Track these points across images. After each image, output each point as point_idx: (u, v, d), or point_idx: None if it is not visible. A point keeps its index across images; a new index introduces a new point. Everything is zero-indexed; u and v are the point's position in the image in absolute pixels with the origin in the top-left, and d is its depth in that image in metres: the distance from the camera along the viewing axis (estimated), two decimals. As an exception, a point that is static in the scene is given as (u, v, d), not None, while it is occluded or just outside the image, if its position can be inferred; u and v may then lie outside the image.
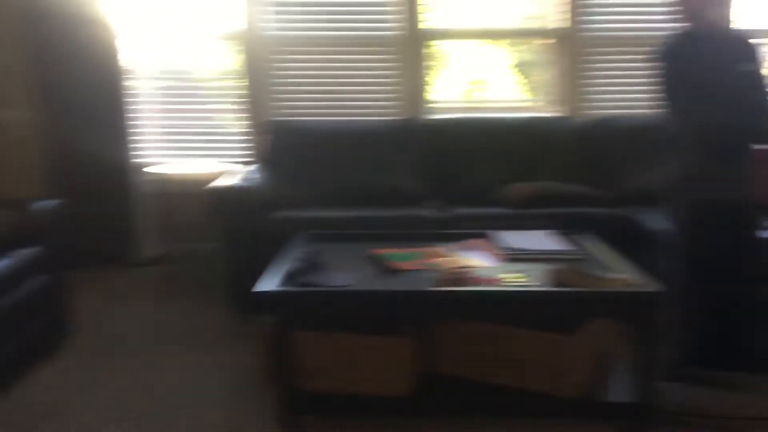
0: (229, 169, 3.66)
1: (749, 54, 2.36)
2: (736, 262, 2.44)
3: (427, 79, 4.04)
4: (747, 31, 2.45)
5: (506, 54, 4.14)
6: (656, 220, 2.94)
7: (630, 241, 3.07)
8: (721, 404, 2.19)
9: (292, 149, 3.65)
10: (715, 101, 2.28)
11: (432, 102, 4.08)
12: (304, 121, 3.83)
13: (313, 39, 3.96)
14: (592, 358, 2.32)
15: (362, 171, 3.57)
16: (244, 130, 4.05)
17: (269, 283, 2.10)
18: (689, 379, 2.38)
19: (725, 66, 2.32)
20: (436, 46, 4.09)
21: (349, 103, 4.01)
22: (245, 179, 3.35)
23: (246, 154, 4.01)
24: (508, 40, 4.08)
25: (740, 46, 2.38)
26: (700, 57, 2.33)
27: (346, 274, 2.20)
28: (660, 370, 2.43)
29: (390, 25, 3.95)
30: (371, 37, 3.97)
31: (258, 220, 3.12)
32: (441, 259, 2.45)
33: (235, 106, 4.06)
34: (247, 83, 3.99)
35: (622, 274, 2.19)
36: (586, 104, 4.01)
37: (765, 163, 3.24)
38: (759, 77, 2.36)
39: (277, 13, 3.94)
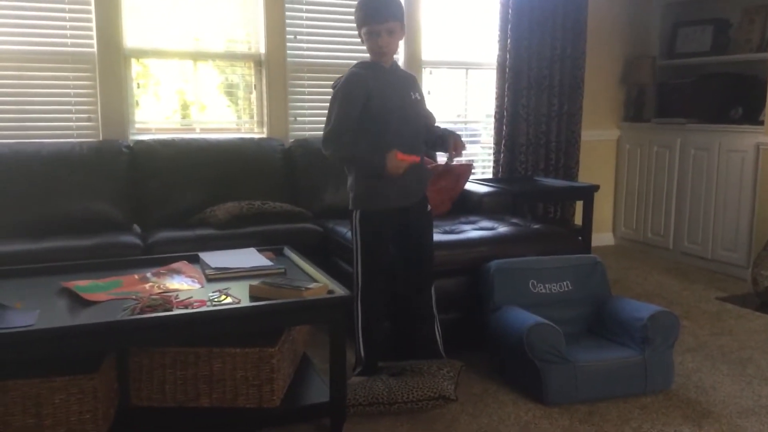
0: None
1: (415, 85, 2.72)
2: (408, 264, 2.75)
3: (131, 98, 3.88)
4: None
5: (213, 76, 4.16)
6: (348, 231, 3.24)
7: (326, 252, 3.35)
8: (402, 389, 2.45)
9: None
10: (391, 126, 2.56)
11: (137, 122, 3.94)
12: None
13: (2, 53, 3.57)
14: (292, 365, 2.47)
15: (54, 198, 3.30)
16: None
17: None
18: (377, 371, 2.63)
19: (400, 95, 2.62)
20: (142, 66, 3.95)
21: (41, 124, 3.68)
22: None
23: None
24: (214, 62, 4.10)
25: (407, 78, 2.73)
26: (381, 87, 2.58)
27: (26, 313, 2.02)
28: (353, 367, 2.68)
29: (89, 41, 3.72)
30: (67, 53, 3.69)
31: None
32: (141, 285, 2.40)
33: None
34: None
35: (317, 282, 2.35)
36: (288, 126, 4.21)
37: (440, 176, 3.75)
38: (423, 105, 2.73)
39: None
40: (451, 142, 2.65)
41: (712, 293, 4.09)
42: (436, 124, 2.81)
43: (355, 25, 2.64)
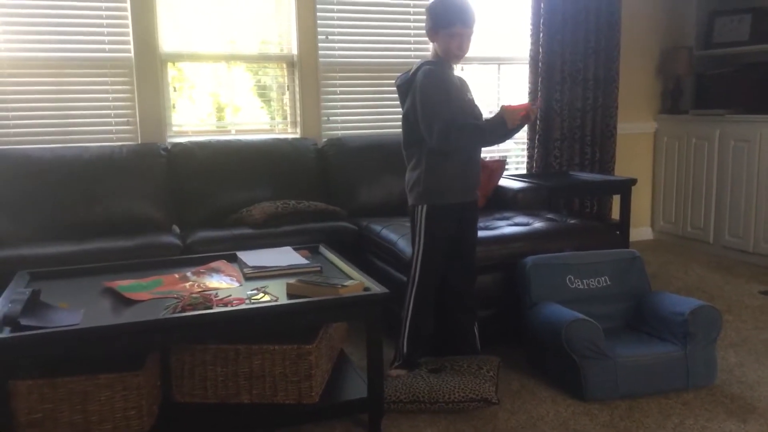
0: None
1: (468, 87, 2.75)
2: (462, 258, 2.76)
3: (168, 102, 3.95)
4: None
5: (247, 78, 4.21)
6: (384, 229, 3.25)
7: (361, 249, 3.37)
8: (442, 388, 2.45)
9: (8, 181, 3.30)
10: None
11: (174, 125, 4.01)
12: (23, 149, 3.49)
13: (43, 60, 3.66)
14: (329, 361, 2.49)
15: (96, 200, 3.38)
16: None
17: None
18: (418, 368, 2.63)
19: (462, 100, 2.65)
20: (177, 69, 4.02)
21: (82, 128, 3.77)
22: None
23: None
24: (247, 64, 4.15)
25: (462, 80, 2.75)
26: (454, 85, 2.62)
27: (71, 313, 2.07)
28: (391, 361, 2.69)
29: (126, 47, 3.80)
30: (106, 58, 3.77)
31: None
32: (182, 284, 2.44)
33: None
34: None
35: (353, 280, 2.37)
36: (321, 126, 4.24)
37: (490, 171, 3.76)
38: (476, 106, 2.75)
39: (5, 32, 3.58)
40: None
41: (755, 287, 4.00)
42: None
43: (423, 26, 2.65)
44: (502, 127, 2.52)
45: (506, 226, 3.29)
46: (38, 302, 2.07)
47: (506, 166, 4.33)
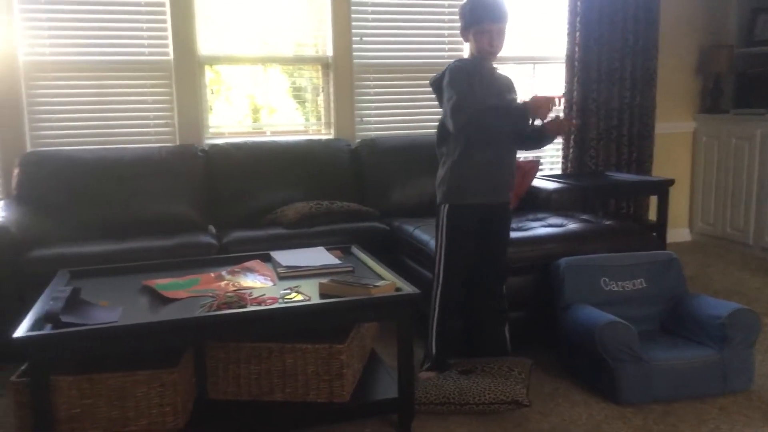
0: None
1: (511, 86, 2.75)
2: (491, 259, 2.76)
3: (205, 104, 4.03)
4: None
5: (282, 79, 4.26)
6: (416, 230, 3.26)
7: (393, 250, 3.38)
8: (472, 389, 2.45)
9: (51, 182, 3.42)
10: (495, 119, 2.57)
11: (211, 127, 4.08)
12: (66, 151, 3.60)
13: (85, 64, 3.77)
14: (360, 361, 2.51)
15: (135, 201, 3.47)
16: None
17: (22, 328, 1.94)
18: (448, 369, 2.64)
19: (498, 94, 2.65)
20: (214, 72, 4.09)
21: (122, 130, 3.87)
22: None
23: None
24: (282, 66, 4.21)
25: (504, 79, 2.75)
26: (484, 80, 2.61)
27: (111, 310, 2.13)
28: (421, 362, 2.70)
29: (165, 50, 3.89)
30: (145, 61, 3.87)
31: (12, 262, 2.90)
32: (217, 283, 2.49)
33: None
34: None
35: (385, 280, 2.38)
36: (355, 126, 4.27)
37: (524, 172, 3.74)
38: None
39: (48, 36, 3.70)
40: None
41: (797, 291, 3.90)
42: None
43: (456, 25, 2.66)
44: (522, 112, 2.49)
45: (539, 227, 3.27)
46: (79, 300, 2.14)
47: (540, 167, 4.30)
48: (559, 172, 4.74)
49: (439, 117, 2.68)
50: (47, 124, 3.76)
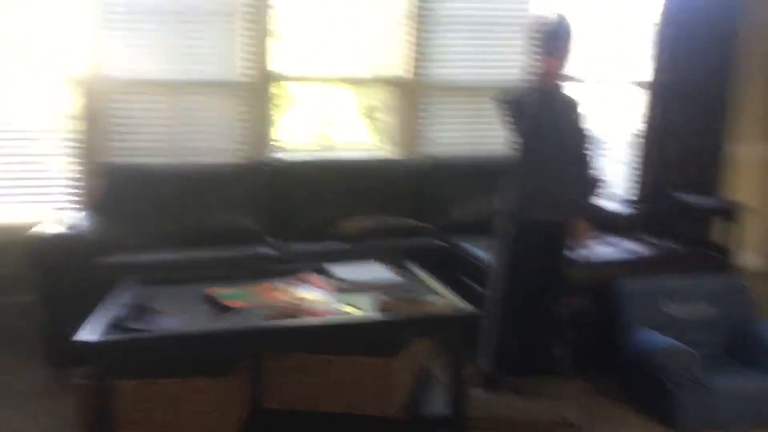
0: (54, 215, 3.50)
1: (575, 106, 2.75)
2: (549, 278, 2.73)
3: (273, 120, 4.13)
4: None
5: (349, 97, 4.34)
6: (475, 248, 3.25)
7: (451, 267, 3.37)
8: (526, 409, 2.42)
9: (127, 192, 3.58)
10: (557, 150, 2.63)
11: (277, 142, 4.18)
12: (140, 163, 3.77)
13: (158, 82, 3.93)
14: (413, 376, 2.51)
15: (201, 212, 3.59)
16: (74, 174, 3.90)
17: (88, 332, 2.02)
18: (502, 388, 2.61)
19: (565, 120, 2.68)
20: (284, 88, 4.20)
21: (192, 144, 4.00)
22: (69, 225, 3.23)
23: (75, 200, 3.87)
24: (350, 84, 4.28)
25: (571, 103, 2.75)
26: (551, 110, 2.65)
27: (174, 318, 2.20)
28: (475, 381, 2.68)
29: (236, 68, 4.00)
30: (217, 80, 3.99)
31: (84, 267, 3.04)
32: (275, 294, 2.54)
33: (68, 150, 3.91)
34: (83, 126, 3.86)
35: (440, 297, 2.39)
36: (422, 145, 4.27)
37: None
38: (583, 131, 2.75)
39: (124, 55, 3.88)
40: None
41: None
42: None
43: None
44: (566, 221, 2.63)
45: (602, 249, 3.20)
46: (144, 307, 2.23)
47: (603, 185, 4.20)
48: (625, 192, 4.63)
49: (504, 135, 2.69)
50: (131, 136, 3.90)
